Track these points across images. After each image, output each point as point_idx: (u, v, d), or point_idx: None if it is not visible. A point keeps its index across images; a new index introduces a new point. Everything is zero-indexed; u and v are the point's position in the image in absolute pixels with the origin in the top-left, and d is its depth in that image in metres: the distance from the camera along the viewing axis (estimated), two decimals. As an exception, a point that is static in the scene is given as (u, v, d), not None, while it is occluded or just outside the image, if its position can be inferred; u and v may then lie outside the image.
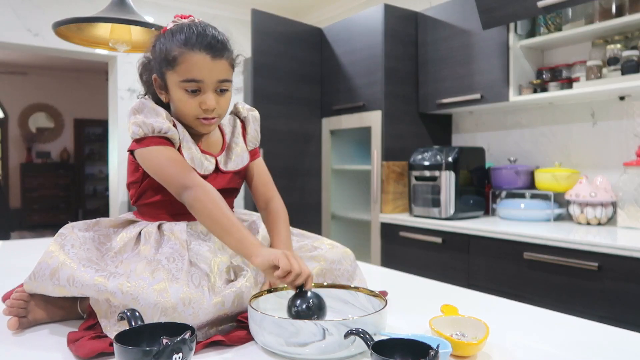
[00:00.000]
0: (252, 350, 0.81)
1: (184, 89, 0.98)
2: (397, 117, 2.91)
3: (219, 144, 1.11)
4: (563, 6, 2.11)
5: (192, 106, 0.99)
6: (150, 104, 0.99)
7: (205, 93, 0.98)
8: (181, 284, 0.82)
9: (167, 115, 1.00)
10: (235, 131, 1.15)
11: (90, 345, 0.76)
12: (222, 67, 0.99)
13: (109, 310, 0.81)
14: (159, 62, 1.00)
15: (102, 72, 7.65)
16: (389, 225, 2.77)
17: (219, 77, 0.98)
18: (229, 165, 1.09)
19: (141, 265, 0.85)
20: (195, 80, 0.97)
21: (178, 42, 0.97)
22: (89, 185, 8.64)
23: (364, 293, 0.92)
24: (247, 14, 4.27)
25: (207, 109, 0.98)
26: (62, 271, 0.85)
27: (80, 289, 0.83)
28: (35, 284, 0.88)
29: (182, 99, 0.99)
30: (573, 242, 1.90)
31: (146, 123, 0.97)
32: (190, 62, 0.96)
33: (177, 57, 0.97)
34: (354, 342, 0.73)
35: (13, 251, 1.69)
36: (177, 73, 0.97)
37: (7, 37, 3.50)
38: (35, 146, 8.19)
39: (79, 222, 1.00)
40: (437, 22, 2.83)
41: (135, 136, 0.97)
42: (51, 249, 0.90)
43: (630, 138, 2.33)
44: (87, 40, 1.90)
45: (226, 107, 1.03)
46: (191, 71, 0.96)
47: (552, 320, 0.97)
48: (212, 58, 0.97)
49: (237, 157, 1.12)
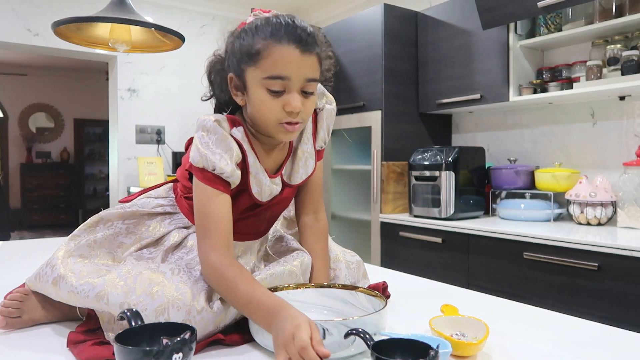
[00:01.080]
0: (251, 350, 0.81)
1: (267, 87, 0.86)
2: (397, 117, 2.91)
3: (284, 150, 0.99)
4: (563, 6, 2.11)
5: (274, 108, 0.87)
6: (221, 133, 0.88)
7: (290, 93, 0.86)
8: (184, 305, 0.78)
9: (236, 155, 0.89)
10: (305, 131, 1.02)
11: (94, 351, 0.76)
12: (311, 64, 0.88)
13: (112, 319, 0.81)
14: (238, 57, 0.89)
15: (102, 72, 7.65)
16: (389, 225, 2.77)
17: (307, 74, 0.87)
18: (294, 178, 1.00)
19: (144, 278, 0.81)
20: (281, 77, 0.85)
21: (263, 35, 0.86)
22: (89, 185, 8.64)
23: (364, 293, 0.92)
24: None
25: (292, 111, 0.86)
26: (63, 283, 0.85)
27: (83, 302, 0.82)
28: (39, 286, 0.88)
29: (264, 100, 0.87)
30: (573, 242, 1.90)
31: (209, 159, 0.86)
32: (276, 56, 0.85)
33: (262, 50, 0.86)
34: (354, 342, 0.73)
35: (13, 251, 1.69)
36: (261, 69, 0.86)
37: (7, 37, 3.50)
38: (35, 146, 8.19)
39: (112, 212, 0.98)
40: (437, 22, 2.83)
41: (194, 163, 0.88)
42: (59, 254, 0.90)
43: (630, 138, 2.33)
44: (87, 40, 1.90)
45: (311, 111, 0.92)
46: (277, 66, 0.85)
47: (552, 320, 0.97)
48: (301, 52, 0.85)
49: (302, 167, 1.01)
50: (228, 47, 0.92)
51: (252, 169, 0.92)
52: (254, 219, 1.00)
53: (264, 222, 1.03)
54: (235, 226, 0.91)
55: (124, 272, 0.83)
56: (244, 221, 0.98)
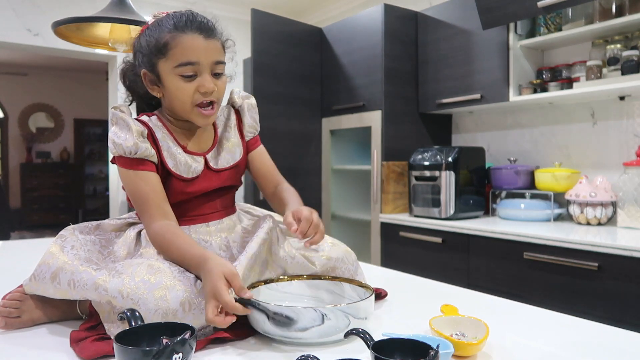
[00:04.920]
0: (251, 343, 0.83)
1: (180, 74, 0.95)
2: (397, 117, 2.91)
3: (210, 140, 1.07)
4: (563, 6, 2.11)
5: (189, 92, 0.96)
6: (119, 114, 0.97)
7: (201, 75, 0.96)
8: (181, 288, 0.81)
9: (136, 130, 0.95)
10: (228, 123, 1.11)
11: (95, 347, 0.76)
12: (216, 48, 0.97)
13: (111, 311, 0.81)
14: (147, 54, 0.97)
15: (102, 72, 7.65)
16: (389, 225, 2.77)
17: (213, 57, 0.96)
18: (220, 162, 1.06)
19: (142, 268, 0.83)
20: (191, 63, 0.94)
21: (168, 28, 0.95)
22: (89, 185, 8.65)
23: (348, 283, 0.98)
24: (247, 14, 4.27)
25: (206, 92, 0.95)
26: (62, 274, 0.84)
27: (82, 292, 0.82)
28: (36, 286, 0.88)
29: (179, 86, 0.95)
30: (573, 242, 1.90)
31: (116, 143, 0.94)
32: (183, 45, 0.94)
33: (169, 41, 0.94)
34: (349, 325, 0.80)
35: (13, 251, 1.69)
36: (171, 59, 0.95)
37: (7, 37, 3.50)
38: (35, 146, 8.19)
39: (80, 225, 1.00)
40: (437, 22, 2.83)
41: (112, 153, 0.97)
42: (52, 250, 0.90)
43: (630, 138, 2.33)
44: (87, 40, 1.90)
45: (223, 91, 1.00)
46: (186, 53, 0.94)
47: (552, 320, 0.97)
48: (205, 38, 0.95)
49: (227, 153, 1.08)
50: (136, 48, 1.00)
51: (162, 143, 0.99)
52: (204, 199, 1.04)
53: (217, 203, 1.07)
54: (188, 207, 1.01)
55: (123, 263, 0.86)
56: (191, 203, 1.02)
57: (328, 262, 1.03)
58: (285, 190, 1.12)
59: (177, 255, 0.88)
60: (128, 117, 0.97)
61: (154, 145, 0.98)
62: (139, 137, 0.95)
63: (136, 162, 0.96)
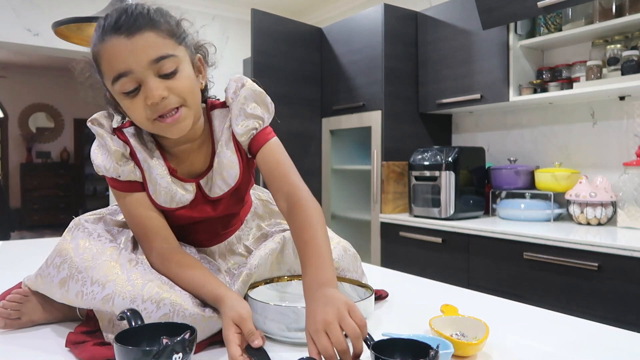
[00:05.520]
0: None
1: (121, 92, 0.78)
2: (397, 117, 2.91)
3: (206, 160, 0.90)
4: (563, 6, 2.11)
5: (139, 109, 0.78)
6: (97, 130, 0.85)
7: (145, 85, 0.77)
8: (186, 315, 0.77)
9: (115, 152, 0.84)
10: (223, 131, 0.90)
11: (95, 351, 0.75)
12: (149, 42, 0.76)
13: (111, 321, 0.79)
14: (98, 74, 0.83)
15: (102, 72, 7.65)
16: (389, 225, 2.77)
17: (149, 56, 0.76)
18: (213, 191, 0.89)
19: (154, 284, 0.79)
20: (122, 74, 0.76)
21: (93, 42, 0.79)
22: (89, 185, 8.64)
23: (348, 283, 0.97)
24: (247, 14, 4.27)
25: (153, 102, 0.77)
26: (72, 284, 0.79)
27: (89, 304, 0.79)
28: (42, 286, 0.84)
29: (127, 106, 0.80)
30: (573, 242, 1.90)
31: (97, 165, 0.85)
32: (106, 56, 0.77)
33: (96, 57, 0.79)
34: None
35: (13, 251, 1.69)
36: (106, 76, 0.79)
37: (7, 37, 3.50)
38: (35, 146, 8.19)
39: (86, 216, 0.95)
40: (437, 22, 2.83)
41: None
42: (63, 246, 0.84)
43: (630, 138, 2.33)
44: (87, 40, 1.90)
45: (184, 89, 0.80)
46: (112, 65, 0.76)
47: (552, 320, 0.97)
48: (127, 36, 0.75)
49: (220, 178, 0.89)
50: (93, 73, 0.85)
51: (143, 164, 0.86)
52: (200, 225, 0.94)
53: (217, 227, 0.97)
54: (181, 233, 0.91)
55: (133, 277, 0.79)
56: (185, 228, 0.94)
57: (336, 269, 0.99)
58: (301, 217, 0.82)
59: (190, 289, 0.80)
60: (106, 134, 0.85)
61: (138, 164, 0.87)
62: (119, 159, 0.85)
63: (125, 185, 0.86)
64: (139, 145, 0.87)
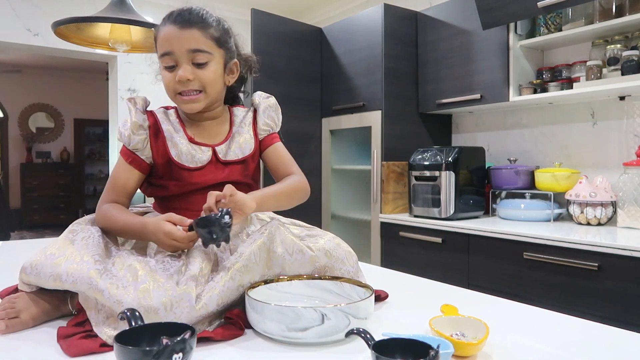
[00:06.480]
0: (251, 343, 0.82)
1: (164, 65, 1.03)
2: (397, 117, 2.91)
3: (223, 134, 1.11)
4: (563, 6, 2.11)
5: (170, 81, 1.02)
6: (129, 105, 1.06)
7: (180, 66, 1.01)
8: (165, 287, 0.79)
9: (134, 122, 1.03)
10: (244, 121, 1.15)
11: (81, 345, 0.75)
12: (193, 37, 1.00)
13: (96, 307, 0.81)
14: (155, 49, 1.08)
15: (102, 72, 7.65)
16: (389, 225, 2.77)
17: (189, 46, 0.99)
18: (229, 155, 1.09)
19: (133, 265, 0.83)
20: (167, 53, 1.00)
21: (159, 24, 1.04)
22: (89, 185, 8.64)
23: (348, 283, 0.97)
24: (247, 14, 4.27)
25: (181, 80, 1.00)
26: (63, 264, 0.84)
27: (74, 282, 0.81)
28: (32, 275, 0.87)
29: (163, 76, 1.04)
30: (573, 242, 1.90)
31: (119, 131, 1.05)
32: (160, 37, 1.02)
33: (155, 36, 1.04)
34: (349, 325, 0.79)
35: (13, 251, 1.69)
36: (158, 51, 1.03)
37: (7, 37, 3.50)
38: (35, 146, 8.19)
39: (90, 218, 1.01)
40: (437, 22, 2.83)
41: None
42: (60, 244, 0.89)
43: (630, 138, 2.33)
44: (87, 40, 1.91)
45: (208, 80, 1.03)
46: (162, 45, 1.01)
47: (552, 320, 0.97)
48: (180, 28, 0.99)
49: (238, 147, 1.10)
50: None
51: (166, 134, 1.06)
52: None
53: None
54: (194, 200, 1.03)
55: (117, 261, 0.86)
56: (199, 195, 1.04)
57: (328, 260, 0.99)
58: (285, 179, 1.11)
59: (122, 226, 0.95)
60: (134, 108, 1.05)
61: (153, 138, 1.05)
62: (135, 129, 1.03)
63: (128, 154, 1.04)
64: (165, 120, 1.08)
